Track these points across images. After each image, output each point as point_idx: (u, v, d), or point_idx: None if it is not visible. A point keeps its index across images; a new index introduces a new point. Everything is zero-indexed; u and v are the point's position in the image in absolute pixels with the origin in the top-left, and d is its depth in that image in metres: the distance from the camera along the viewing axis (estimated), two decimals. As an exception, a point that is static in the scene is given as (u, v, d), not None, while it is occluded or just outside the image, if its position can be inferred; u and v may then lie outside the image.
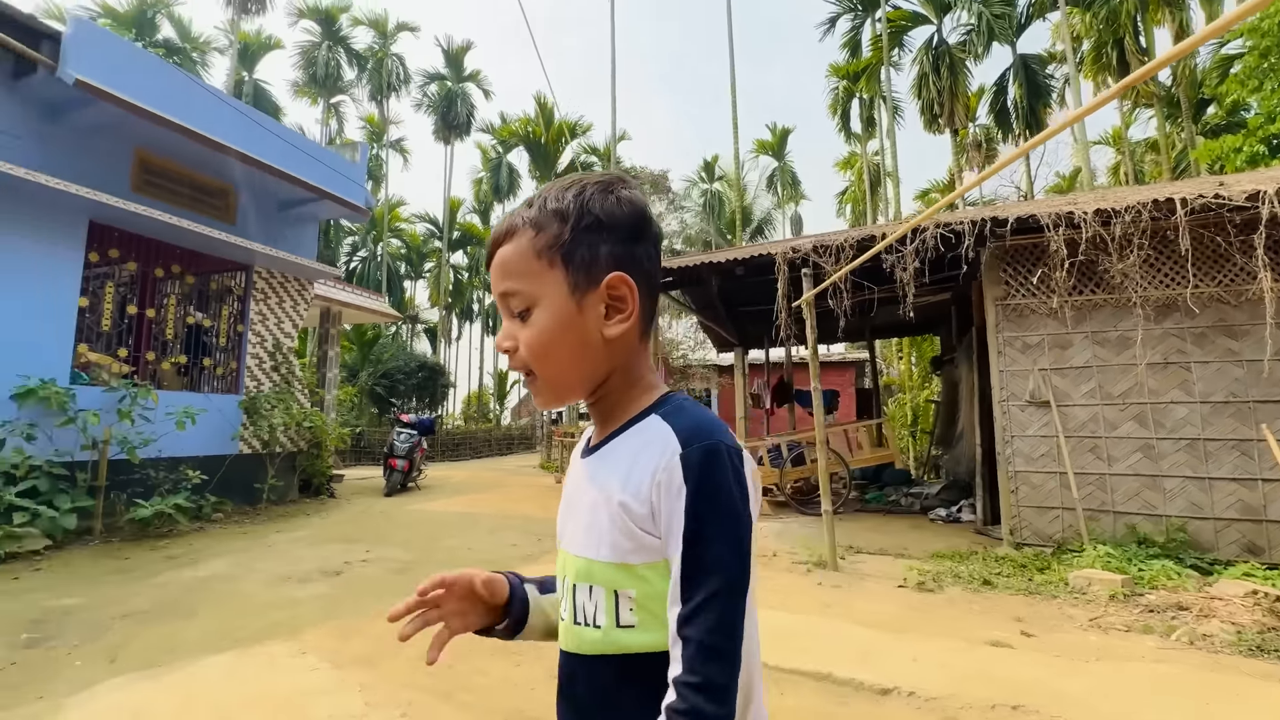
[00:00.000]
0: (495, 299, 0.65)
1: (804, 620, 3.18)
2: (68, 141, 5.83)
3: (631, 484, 0.58)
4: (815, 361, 4.69)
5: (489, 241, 0.67)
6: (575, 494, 0.67)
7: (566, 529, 0.66)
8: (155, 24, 19.28)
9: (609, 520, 0.59)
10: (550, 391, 0.64)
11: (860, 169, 22.80)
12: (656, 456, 0.57)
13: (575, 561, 0.62)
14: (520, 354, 0.62)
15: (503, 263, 0.63)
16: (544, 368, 0.62)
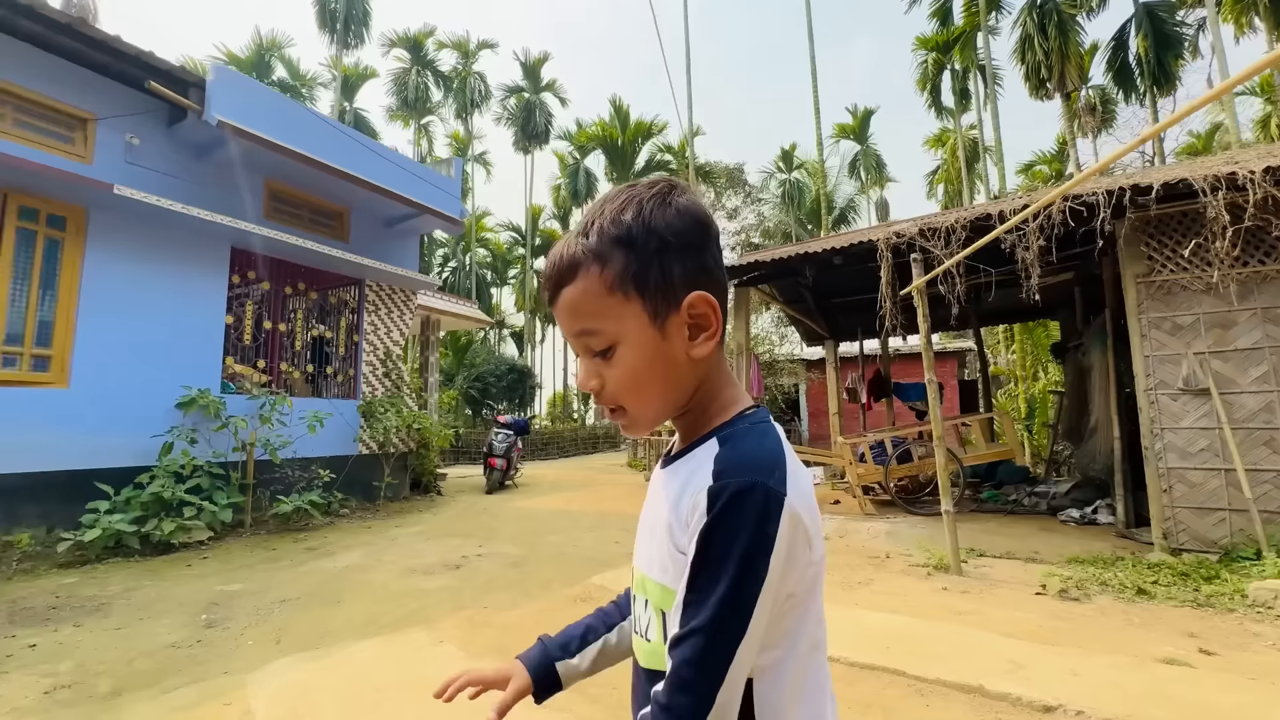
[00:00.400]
0: (568, 339, 0.62)
1: (936, 627, 2.99)
2: (211, 177, 6.53)
3: (680, 507, 0.57)
4: (929, 353, 4.40)
5: (547, 278, 0.62)
6: (648, 504, 0.66)
7: (640, 538, 0.67)
8: (271, 65, 21.35)
9: (663, 538, 0.59)
10: (644, 424, 0.62)
11: (954, 145, 21.31)
12: (699, 482, 0.55)
13: (637, 573, 0.64)
14: (609, 391, 0.60)
15: (572, 305, 0.60)
16: (636, 403, 0.61)
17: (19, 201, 5.10)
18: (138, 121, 5.88)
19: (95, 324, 5.47)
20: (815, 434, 15.09)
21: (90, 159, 5.54)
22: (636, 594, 0.64)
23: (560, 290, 0.60)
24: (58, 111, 5.41)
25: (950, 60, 19.16)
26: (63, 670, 2.60)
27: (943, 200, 24.01)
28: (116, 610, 3.45)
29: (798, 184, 25.57)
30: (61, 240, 5.36)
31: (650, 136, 20.78)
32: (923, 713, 2.15)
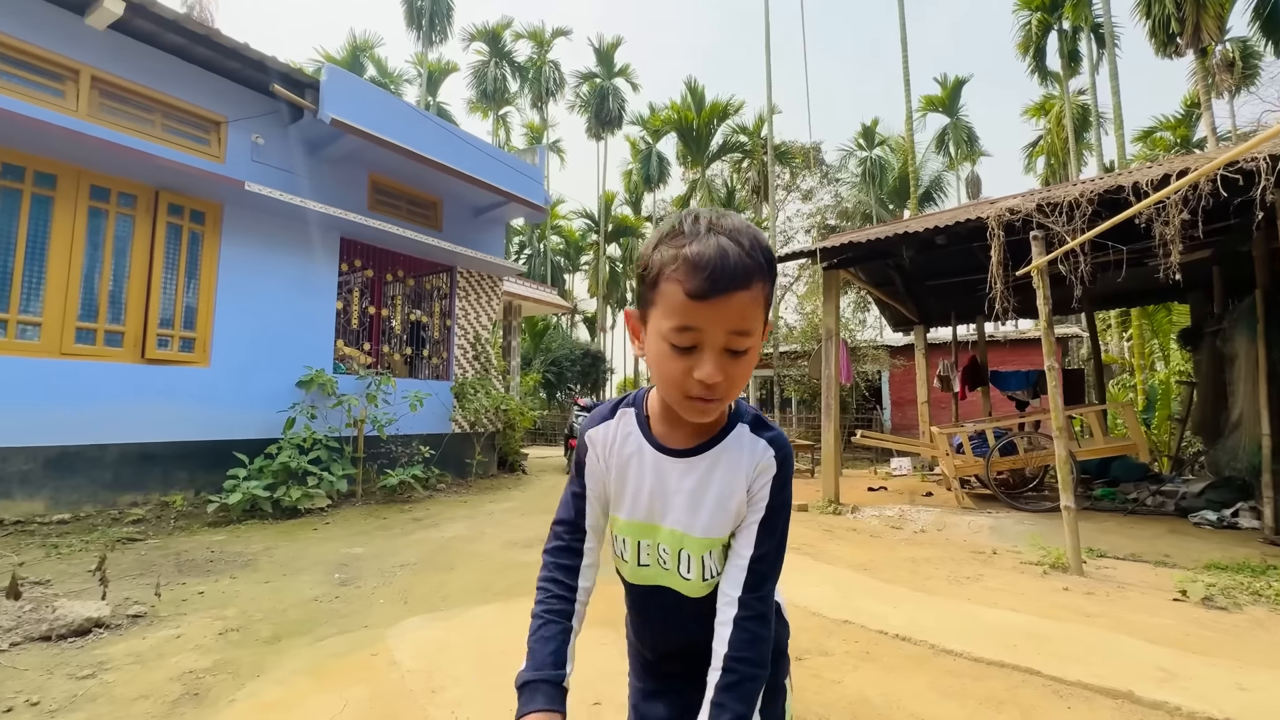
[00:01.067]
0: (716, 334, 0.70)
1: (1065, 627, 2.81)
2: (323, 172, 7.01)
3: (746, 475, 0.82)
4: (1049, 338, 4.10)
5: (722, 274, 0.68)
6: (667, 483, 0.84)
7: (672, 512, 0.84)
8: (362, 65, 22.55)
9: (734, 509, 0.82)
10: (725, 406, 0.82)
11: (1059, 114, 19.53)
12: (762, 453, 0.83)
13: (698, 539, 0.83)
14: (727, 385, 0.72)
15: (742, 308, 0.70)
16: (734, 393, 0.75)
17: (168, 199, 5.68)
18: (261, 122, 6.39)
19: (229, 309, 6.04)
20: (899, 423, 14.47)
21: (223, 159, 6.08)
22: (666, 545, 0.85)
23: (733, 292, 0.69)
24: (196, 116, 5.96)
25: (1058, 19, 17.48)
26: (229, 615, 2.92)
27: (1044, 174, 22.13)
28: (262, 566, 3.83)
29: (879, 161, 24.32)
30: (202, 233, 5.94)
31: (726, 117, 20.34)
32: (1064, 715, 2.03)
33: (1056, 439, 4.04)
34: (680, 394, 0.73)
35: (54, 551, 4.00)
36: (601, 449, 0.89)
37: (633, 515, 0.86)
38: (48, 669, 2.30)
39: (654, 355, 0.75)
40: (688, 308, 0.69)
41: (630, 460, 0.86)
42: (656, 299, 0.73)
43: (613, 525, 0.90)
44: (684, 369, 0.71)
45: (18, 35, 4.84)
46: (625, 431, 0.87)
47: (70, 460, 4.98)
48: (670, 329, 0.71)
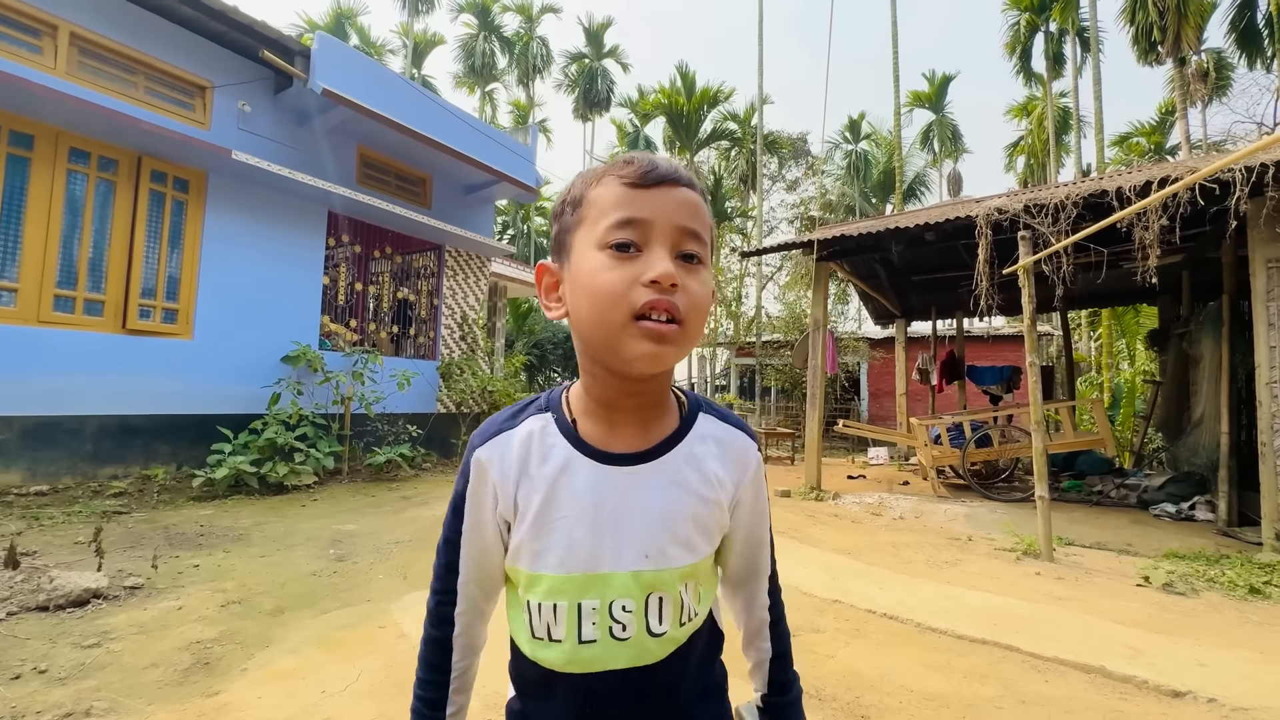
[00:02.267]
0: (665, 226, 0.58)
1: (1040, 609, 2.98)
2: (311, 143, 6.83)
3: (726, 485, 0.67)
4: (1032, 335, 4.26)
5: (670, 171, 0.60)
6: (620, 506, 0.62)
7: (631, 545, 0.61)
8: (345, 33, 21.84)
9: (713, 523, 0.66)
10: (683, 351, 0.59)
11: (1041, 115, 19.89)
12: (738, 456, 0.68)
13: (679, 570, 0.63)
14: (682, 297, 0.57)
15: (694, 208, 0.60)
16: (695, 326, 0.59)
17: (151, 165, 5.50)
18: (248, 89, 6.20)
19: (213, 281, 5.90)
20: (876, 414, 14.81)
21: (208, 125, 5.90)
22: (625, 599, 0.61)
23: (682, 186, 0.60)
24: (181, 80, 5.75)
25: (1046, 21, 17.74)
26: (228, 588, 2.93)
27: (1023, 174, 22.57)
28: (255, 540, 3.82)
29: (864, 155, 24.53)
30: (185, 202, 5.77)
31: (716, 104, 20.24)
32: (1043, 688, 2.18)
33: (1035, 432, 4.22)
34: (625, 316, 0.55)
35: (35, 523, 3.93)
36: (501, 475, 0.63)
37: (566, 567, 0.60)
38: (50, 638, 2.29)
39: (585, 280, 0.58)
40: (628, 197, 0.58)
41: (557, 484, 0.61)
42: (583, 215, 0.60)
43: (528, 590, 0.63)
44: (628, 276, 0.55)
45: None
46: (541, 445, 0.63)
47: (48, 431, 4.85)
48: (608, 226, 0.57)
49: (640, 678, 0.63)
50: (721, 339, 16.72)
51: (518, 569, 0.64)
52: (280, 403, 6.00)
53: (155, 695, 1.94)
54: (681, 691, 0.66)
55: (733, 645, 0.76)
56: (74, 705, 1.85)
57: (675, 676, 0.65)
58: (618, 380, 0.61)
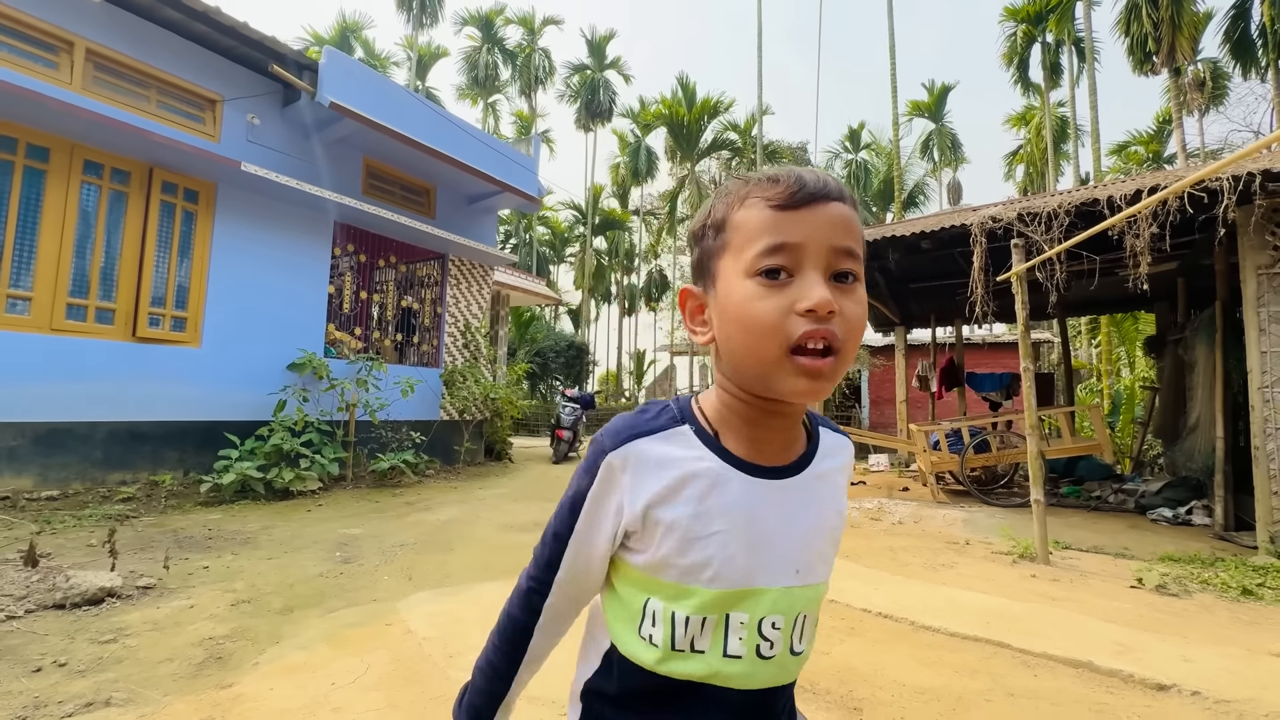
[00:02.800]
0: (818, 248, 0.55)
1: (1032, 608, 3.03)
2: (318, 155, 6.97)
3: (844, 499, 0.67)
4: (1026, 341, 4.33)
5: (821, 187, 0.57)
6: (770, 520, 0.60)
7: (780, 561, 0.61)
8: (351, 46, 22.16)
9: (839, 535, 0.66)
10: (840, 378, 0.56)
11: (1039, 124, 20.06)
12: (849, 468, 0.70)
13: (818, 588, 0.63)
14: (840, 324, 0.54)
15: (847, 223, 0.57)
16: (850, 351, 0.55)
17: (162, 177, 5.62)
18: (258, 102, 6.34)
19: (221, 290, 6.01)
20: (877, 421, 14.85)
21: (218, 138, 6.04)
22: (774, 614, 0.60)
23: (834, 201, 0.57)
24: (191, 94, 5.90)
25: (1042, 32, 17.94)
26: (238, 588, 3.00)
27: (1022, 182, 22.73)
28: (262, 544, 3.89)
29: (864, 165, 24.74)
30: (195, 212, 5.89)
31: (717, 114, 20.47)
32: (1031, 682, 2.23)
33: (1029, 437, 4.28)
34: (780, 350, 0.53)
35: (47, 527, 4.01)
36: (634, 482, 0.60)
37: (723, 581, 0.59)
38: (68, 634, 2.37)
39: (735, 310, 0.56)
40: (776, 221, 0.55)
41: (708, 498, 0.59)
42: (728, 239, 0.59)
43: (674, 601, 0.60)
44: (781, 306, 0.53)
45: (11, 3, 4.76)
46: (681, 454, 0.61)
47: (59, 437, 4.94)
48: (757, 253, 0.55)
49: (771, 699, 0.62)
50: (723, 347, 16.80)
51: (659, 580, 0.60)
52: (286, 409, 6.09)
53: (171, 687, 2.01)
54: (779, 712, 0.65)
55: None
56: (94, 695, 1.92)
57: (786, 703, 0.66)
58: (764, 403, 0.60)
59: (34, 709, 1.83)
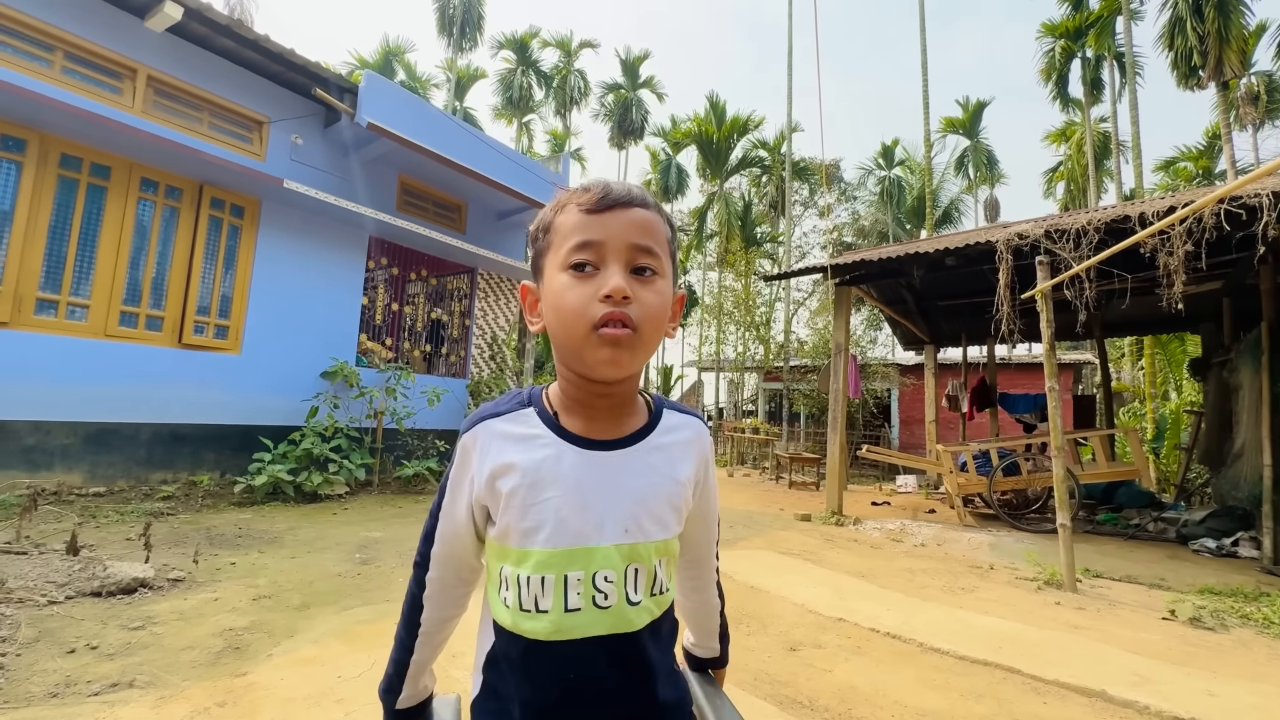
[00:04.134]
0: (618, 245, 0.64)
1: (1051, 635, 2.93)
2: (356, 172, 7.29)
3: (689, 467, 0.74)
4: (1051, 361, 4.22)
5: (622, 195, 0.67)
6: (603, 485, 0.68)
7: (613, 521, 0.67)
8: (393, 69, 23.11)
9: (682, 501, 0.73)
10: (641, 355, 0.65)
11: (1079, 140, 19.55)
12: (697, 442, 0.76)
13: (654, 545, 0.69)
14: (635, 308, 0.63)
15: (645, 223, 0.66)
16: (649, 332, 0.65)
17: (211, 193, 5.97)
18: (301, 123, 6.69)
19: (262, 300, 6.31)
20: (906, 442, 14.50)
21: (264, 156, 6.38)
22: (606, 569, 0.66)
23: (634, 207, 0.66)
24: (241, 115, 6.26)
25: (1082, 48, 17.57)
26: (261, 584, 3.13)
27: (1063, 200, 22.10)
28: (288, 543, 4.04)
29: (898, 181, 24.45)
30: (240, 227, 6.22)
31: (746, 132, 20.58)
32: (1040, 709, 2.17)
33: (1054, 458, 4.15)
34: (586, 328, 0.63)
35: (92, 520, 4.25)
36: (480, 459, 0.69)
37: (554, 542, 0.66)
38: (101, 620, 2.51)
39: (553, 299, 0.66)
40: (584, 222, 0.65)
41: (543, 468, 0.67)
42: (551, 240, 0.68)
43: (517, 565, 0.67)
44: (587, 293, 0.63)
45: (84, 35, 5.16)
46: (523, 432, 0.70)
47: (108, 437, 5.24)
48: (568, 250, 0.65)
49: (619, 645, 0.67)
50: (750, 363, 16.72)
51: (506, 547, 0.68)
52: (318, 415, 6.31)
53: (190, 673, 2.12)
54: (654, 668, 0.69)
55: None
56: (119, 677, 2.04)
57: (648, 651, 0.69)
58: (589, 384, 0.68)
59: (65, 686, 1.95)
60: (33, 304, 4.91)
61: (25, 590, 2.72)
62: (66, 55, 5.14)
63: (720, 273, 17.49)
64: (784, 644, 2.73)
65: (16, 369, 4.75)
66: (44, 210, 4.98)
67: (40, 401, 4.86)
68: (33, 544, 3.44)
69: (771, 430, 14.18)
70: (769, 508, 7.33)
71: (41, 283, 4.97)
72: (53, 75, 5.06)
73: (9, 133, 4.82)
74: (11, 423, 4.74)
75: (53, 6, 5.00)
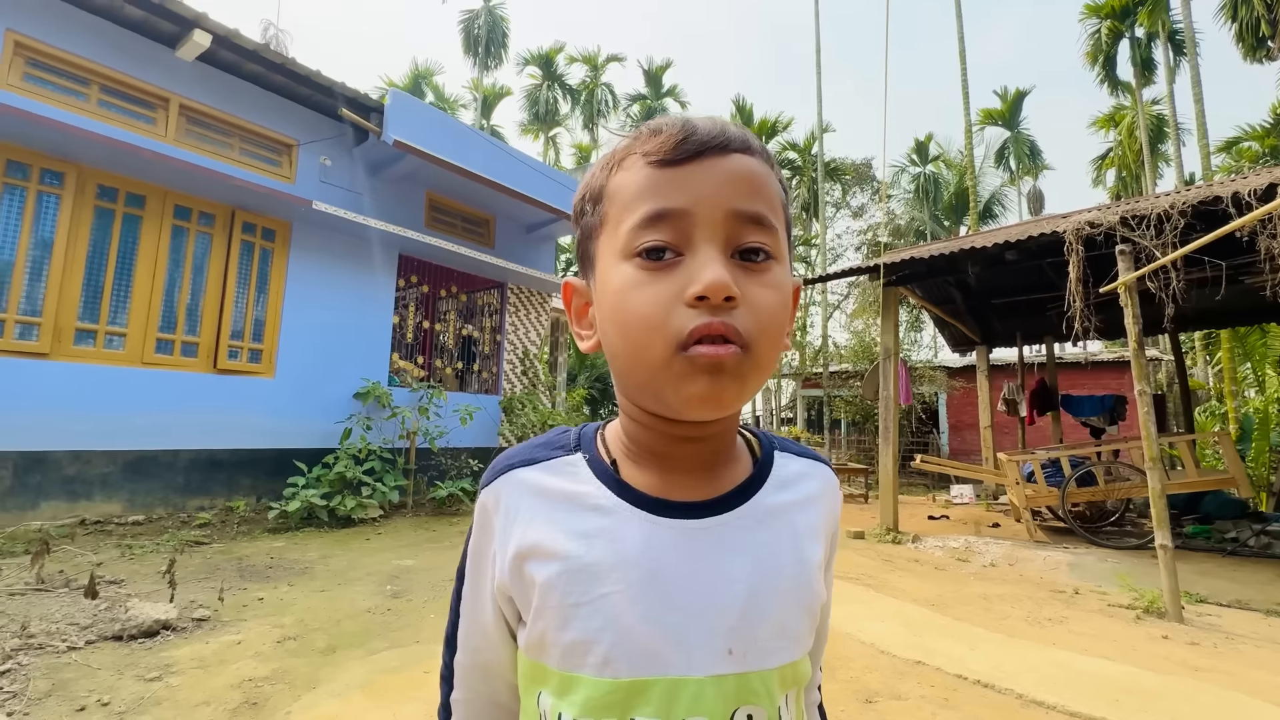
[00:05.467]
0: (712, 213, 0.41)
1: (1174, 683, 2.52)
2: (384, 191, 7.27)
3: (821, 539, 0.49)
4: (1140, 360, 3.78)
5: (715, 135, 0.43)
6: (681, 575, 0.43)
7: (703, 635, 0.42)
8: (422, 91, 23.59)
9: (814, 596, 0.47)
10: (753, 385, 0.42)
11: (1131, 124, 18.54)
12: (826, 499, 0.51)
13: (776, 672, 0.44)
14: (744, 315, 0.40)
15: (758, 178, 0.44)
16: (766, 350, 0.42)
17: (243, 218, 5.98)
18: (329, 145, 6.69)
19: (294, 322, 6.28)
20: (957, 448, 13.78)
21: (293, 179, 6.38)
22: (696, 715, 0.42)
23: (733, 153, 0.43)
24: (270, 139, 6.28)
25: (1130, 27, 16.67)
26: (287, 623, 2.95)
27: (1114, 188, 21.00)
28: (318, 574, 3.89)
29: (933, 178, 23.66)
30: (272, 250, 6.22)
31: (774, 134, 20.20)
32: (1186, 787, 1.79)
33: (1150, 470, 3.70)
34: (668, 349, 0.40)
35: (128, 551, 4.18)
36: (505, 525, 0.48)
37: (614, 668, 0.42)
38: (118, 669, 2.36)
39: (612, 303, 0.43)
40: (657, 181, 0.43)
41: (596, 547, 0.44)
42: (606, 214, 0.45)
43: (559, 698, 0.44)
44: (666, 294, 0.40)
45: (118, 68, 5.23)
46: (568, 490, 0.47)
47: (146, 464, 5.23)
48: (634, 227, 0.42)
49: None
50: (787, 370, 16.23)
51: (543, 666, 0.45)
52: (351, 437, 6.23)
53: (201, 737, 1.92)
54: None
55: None
56: (124, 743, 1.85)
57: None
58: (668, 425, 0.45)
59: (66, 756, 1.78)
60: (72, 334, 4.95)
61: (46, 635, 2.60)
62: (102, 88, 5.21)
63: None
64: (857, 693, 2.40)
65: (58, 400, 4.77)
66: (81, 241, 5.02)
67: (80, 431, 4.87)
68: (63, 581, 3.36)
69: (813, 439, 13.68)
70: (817, 524, 6.92)
71: (80, 313, 5.00)
72: (89, 109, 5.13)
73: (48, 166, 4.89)
74: (53, 453, 4.76)
75: (88, 41, 5.07)
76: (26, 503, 4.60)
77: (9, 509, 4.50)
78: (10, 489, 4.53)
